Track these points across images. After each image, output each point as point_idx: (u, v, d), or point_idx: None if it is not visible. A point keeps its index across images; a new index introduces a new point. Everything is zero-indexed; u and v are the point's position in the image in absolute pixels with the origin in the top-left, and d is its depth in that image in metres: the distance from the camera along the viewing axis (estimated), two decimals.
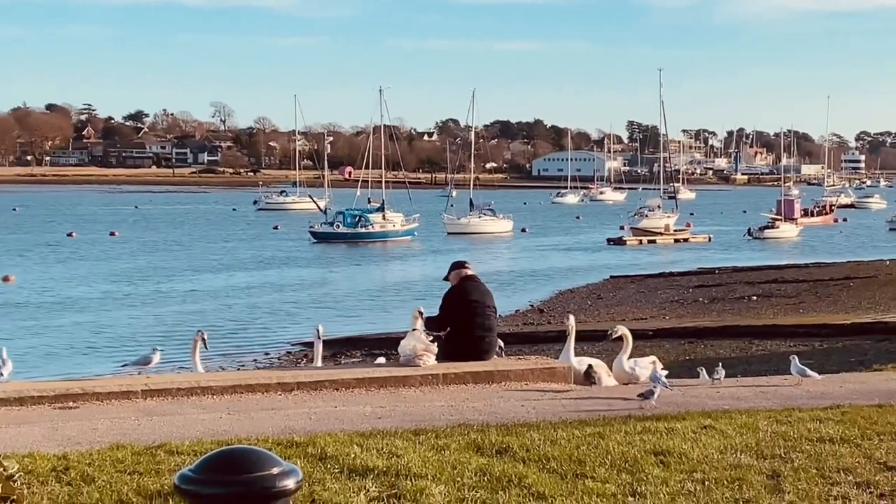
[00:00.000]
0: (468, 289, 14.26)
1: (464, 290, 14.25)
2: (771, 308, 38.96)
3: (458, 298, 14.18)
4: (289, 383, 12.52)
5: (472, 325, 13.98)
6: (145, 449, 8.68)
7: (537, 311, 42.25)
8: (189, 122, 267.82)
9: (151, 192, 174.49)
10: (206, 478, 2.90)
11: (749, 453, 8.68)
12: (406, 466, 7.96)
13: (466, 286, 14.30)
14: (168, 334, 36.44)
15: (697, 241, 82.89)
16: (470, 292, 14.20)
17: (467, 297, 14.13)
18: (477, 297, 14.15)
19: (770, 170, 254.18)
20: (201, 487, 2.91)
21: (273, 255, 70.38)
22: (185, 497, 2.99)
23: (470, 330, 13.96)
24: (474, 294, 14.19)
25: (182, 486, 2.94)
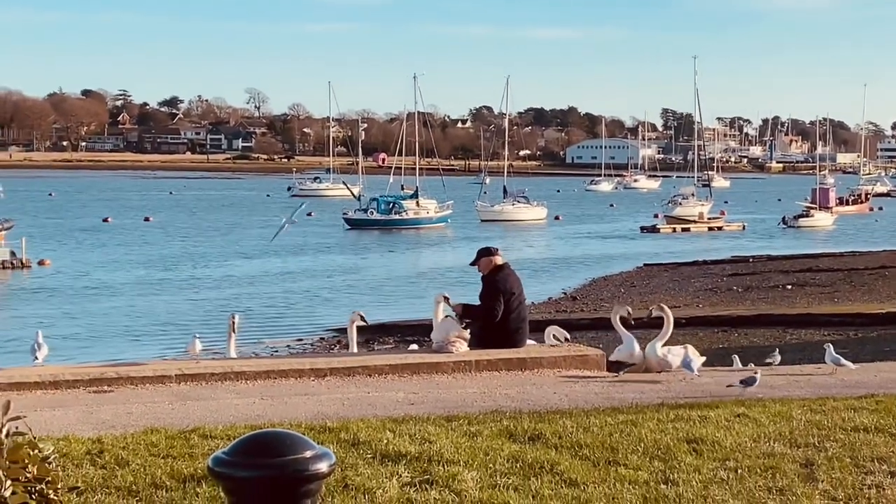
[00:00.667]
0: (505, 278, 14.17)
1: (502, 279, 14.17)
2: (805, 297, 38.77)
3: (501, 286, 14.05)
4: (322, 369, 12.56)
5: (508, 315, 13.90)
6: (179, 433, 8.73)
7: (570, 299, 42.20)
8: (224, 108, 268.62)
9: (186, 178, 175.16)
10: (239, 461, 2.92)
11: (782, 442, 8.64)
12: (438, 452, 7.97)
13: (503, 275, 14.21)
14: (202, 320, 36.63)
15: (731, 230, 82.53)
16: (507, 282, 14.12)
17: (505, 287, 14.02)
18: (512, 288, 14.07)
19: (805, 158, 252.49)
20: (235, 470, 2.92)
21: (307, 242, 70.56)
22: (219, 479, 3.01)
23: (506, 320, 13.88)
24: (510, 283, 14.10)
25: (216, 468, 2.96)
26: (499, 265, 14.22)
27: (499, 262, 14.26)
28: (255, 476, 2.90)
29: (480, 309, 13.96)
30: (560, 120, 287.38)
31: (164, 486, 7.20)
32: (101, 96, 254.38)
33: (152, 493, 7.07)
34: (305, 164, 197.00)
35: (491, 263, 14.24)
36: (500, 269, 14.21)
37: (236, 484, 2.94)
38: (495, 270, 14.18)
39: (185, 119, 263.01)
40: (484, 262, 14.30)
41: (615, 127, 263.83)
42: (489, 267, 14.20)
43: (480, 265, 14.30)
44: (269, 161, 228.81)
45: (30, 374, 11.86)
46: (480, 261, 14.34)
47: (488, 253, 14.38)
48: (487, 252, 14.41)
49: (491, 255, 14.34)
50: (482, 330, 13.78)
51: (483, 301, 14.06)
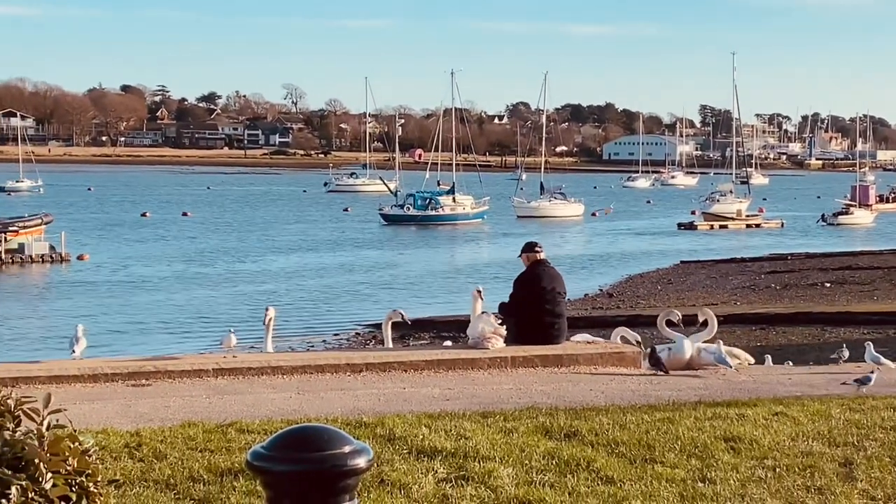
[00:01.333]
0: (539, 273, 14.22)
1: (534, 275, 14.23)
2: (844, 295, 38.51)
3: (529, 283, 14.16)
4: (357, 364, 12.58)
5: (543, 310, 13.93)
6: (216, 427, 8.77)
7: (607, 296, 42.11)
8: (261, 103, 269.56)
9: (223, 174, 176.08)
10: (277, 455, 2.92)
11: (821, 441, 8.58)
12: (474, 448, 7.97)
13: (537, 271, 14.28)
14: (239, 314, 36.81)
15: (770, 227, 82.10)
16: (541, 277, 14.16)
17: (538, 282, 14.08)
18: (546, 283, 14.09)
19: (845, 155, 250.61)
20: (273, 464, 2.93)
21: (343, 237, 70.75)
22: (257, 473, 3.01)
23: (540, 315, 13.91)
24: (545, 279, 14.13)
25: (254, 462, 2.97)
26: (536, 261, 14.33)
27: (537, 258, 14.36)
28: (293, 470, 2.90)
29: (508, 303, 14.16)
30: (597, 116, 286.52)
31: (202, 479, 7.24)
32: (139, 92, 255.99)
33: (190, 487, 7.11)
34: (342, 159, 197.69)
35: (529, 259, 14.38)
36: (537, 266, 14.34)
37: (275, 478, 2.95)
38: (532, 266, 14.33)
39: (222, 114, 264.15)
40: (524, 256, 14.59)
41: (653, 123, 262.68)
42: (528, 262, 14.36)
43: (523, 259, 14.56)
44: (306, 156, 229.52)
45: (69, 368, 11.95)
46: (523, 255, 14.62)
47: (528, 248, 14.65)
48: (528, 247, 14.68)
49: (529, 250, 14.53)
50: (517, 325, 13.84)
51: (513, 290, 14.33)
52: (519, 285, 14.27)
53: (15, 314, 38.49)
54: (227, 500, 6.87)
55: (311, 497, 2.89)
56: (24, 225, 57.12)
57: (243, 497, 6.88)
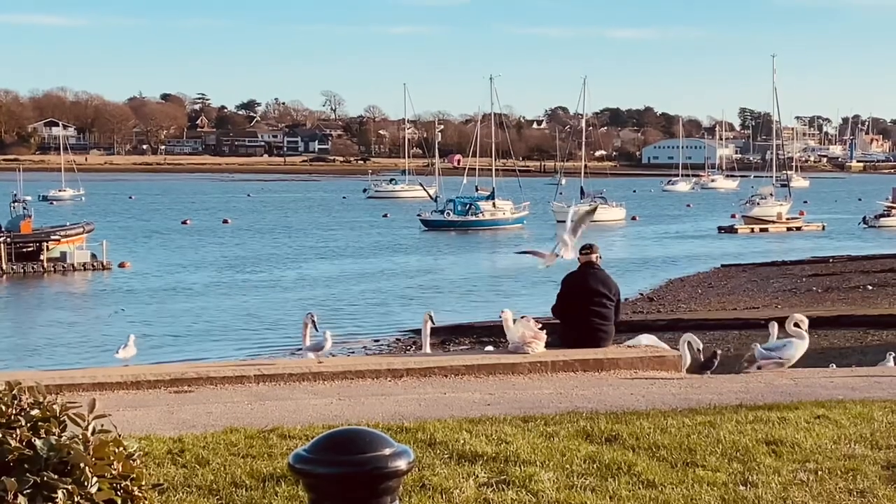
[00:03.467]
0: (584, 274, 14.35)
1: (580, 276, 14.38)
2: (887, 297, 38.19)
3: (572, 283, 14.30)
4: (398, 370, 12.62)
5: (587, 312, 14.00)
6: (258, 432, 8.82)
7: (647, 300, 41.97)
8: (300, 110, 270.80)
9: (263, 181, 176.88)
10: (319, 457, 2.96)
11: (863, 444, 8.53)
12: (515, 453, 7.98)
13: (583, 272, 14.42)
14: (280, 320, 36.98)
15: (811, 230, 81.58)
16: (586, 278, 14.27)
17: (582, 284, 14.18)
18: (591, 285, 14.16)
19: (886, 157, 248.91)
20: (315, 467, 2.96)
21: (383, 243, 70.90)
22: (300, 476, 3.05)
23: (584, 318, 13.97)
24: (590, 281, 14.23)
25: (297, 465, 3.00)
26: (587, 262, 14.45)
27: (587, 259, 14.52)
28: (335, 473, 2.94)
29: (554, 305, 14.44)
30: (636, 120, 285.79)
31: (244, 485, 7.28)
32: (179, 100, 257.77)
33: (232, 492, 7.15)
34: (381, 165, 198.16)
35: (581, 260, 14.66)
36: (585, 267, 14.52)
37: (317, 480, 2.98)
38: (581, 267, 14.57)
39: (262, 122, 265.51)
40: (579, 257, 14.74)
41: (692, 127, 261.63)
42: (580, 263, 14.60)
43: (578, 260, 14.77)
44: (345, 163, 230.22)
45: (112, 375, 12.06)
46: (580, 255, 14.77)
47: (583, 251, 14.74)
48: (583, 250, 14.78)
49: (584, 253, 14.67)
50: (561, 325, 14.16)
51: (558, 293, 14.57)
52: (564, 284, 14.42)
53: (57, 321, 38.83)
54: None
55: (352, 499, 2.92)
56: (66, 233, 57.68)
57: (285, 502, 6.92)
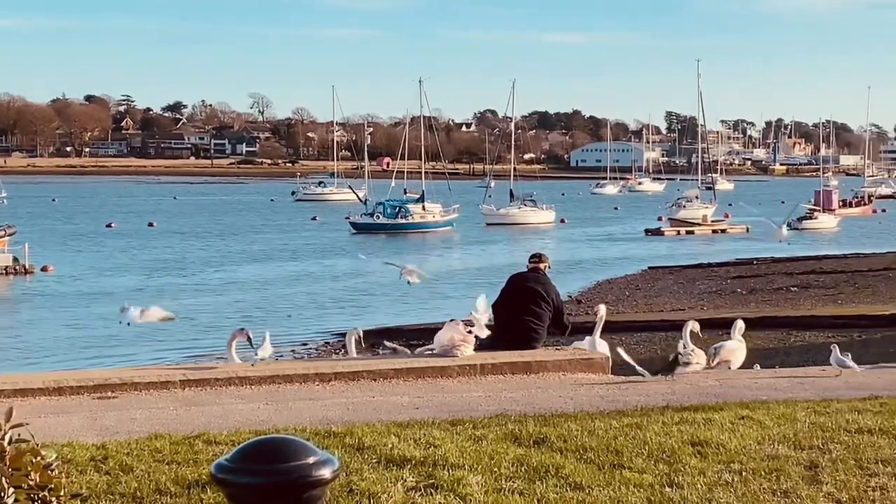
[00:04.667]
0: (527, 277, 14.82)
1: (522, 276, 14.83)
2: (809, 299, 38.73)
3: (514, 283, 14.74)
4: (326, 374, 12.55)
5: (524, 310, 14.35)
6: (183, 438, 8.73)
7: (575, 302, 42.15)
8: (227, 112, 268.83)
9: (189, 183, 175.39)
10: (242, 467, 2.91)
11: (787, 444, 8.63)
12: (443, 457, 7.96)
13: (526, 275, 14.87)
14: (206, 325, 36.65)
15: (735, 232, 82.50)
16: (528, 279, 14.72)
17: (523, 283, 14.65)
18: (531, 285, 14.58)
19: (808, 160, 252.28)
20: (238, 477, 2.91)
21: (313, 246, 70.60)
22: (222, 486, 3.00)
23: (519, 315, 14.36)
24: (531, 281, 14.66)
25: (219, 475, 2.95)
26: (531, 268, 15.00)
27: (533, 266, 15.00)
28: (257, 483, 2.88)
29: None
30: (564, 123, 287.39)
31: (169, 492, 7.20)
32: (104, 102, 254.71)
33: (156, 500, 7.07)
34: (310, 168, 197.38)
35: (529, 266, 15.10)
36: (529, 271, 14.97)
37: (239, 490, 2.93)
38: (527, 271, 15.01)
39: (188, 124, 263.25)
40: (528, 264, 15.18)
41: (619, 130, 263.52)
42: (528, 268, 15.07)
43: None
44: (274, 166, 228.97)
45: (34, 381, 11.86)
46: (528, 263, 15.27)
47: (531, 259, 15.19)
48: (531, 258, 15.22)
49: (531, 260, 15.15)
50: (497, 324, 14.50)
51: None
52: (507, 282, 14.90)
53: None
54: None
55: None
56: None
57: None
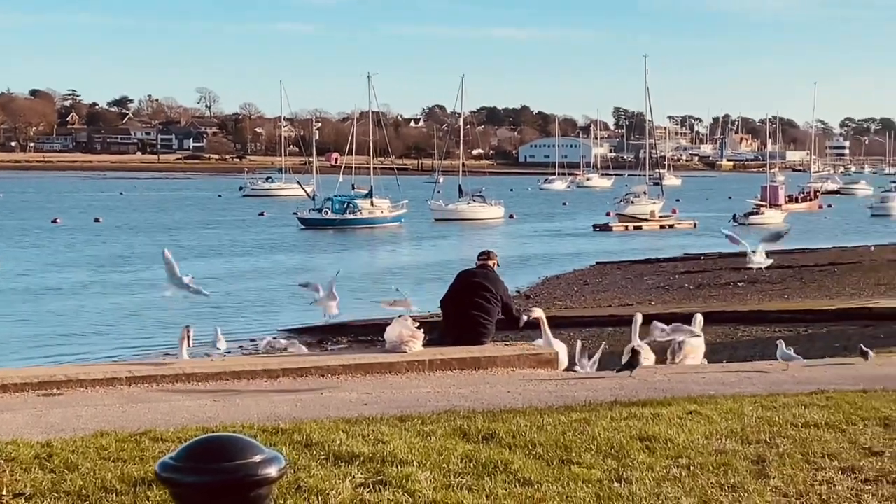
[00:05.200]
0: (475, 273, 14.87)
1: (471, 272, 14.89)
2: (756, 294, 39.03)
3: (462, 279, 14.79)
4: (274, 370, 12.49)
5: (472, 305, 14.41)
6: (129, 436, 8.64)
7: (524, 297, 42.24)
8: (174, 107, 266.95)
9: (136, 179, 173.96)
10: (187, 466, 2.86)
11: (734, 439, 8.68)
12: (392, 453, 7.94)
13: (475, 271, 14.92)
14: (155, 321, 36.36)
15: (683, 227, 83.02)
16: (476, 275, 14.77)
17: (471, 278, 14.69)
18: (479, 280, 14.63)
19: (755, 156, 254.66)
20: (182, 476, 2.86)
21: (261, 241, 70.24)
22: (167, 485, 2.96)
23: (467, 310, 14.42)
24: (479, 277, 14.72)
25: (163, 474, 2.91)
26: (480, 265, 15.06)
27: (482, 263, 15.07)
28: (202, 481, 2.84)
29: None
30: (513, 119, 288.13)
31: (115, 489, 7.11)
32: (49, 96, 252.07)
33: (102, 498, 6.98)
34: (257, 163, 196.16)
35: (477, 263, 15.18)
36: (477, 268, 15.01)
37: (184, 489, 2.89)
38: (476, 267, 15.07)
39: (134, 119, 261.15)
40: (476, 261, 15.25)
41: (568, 126, 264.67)
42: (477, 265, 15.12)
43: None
44: (221, 161, 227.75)
45: None
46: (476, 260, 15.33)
47: (480, 256, 15.28)
48: (480, 255, 15.30)
49: (479, 258, 15.22)
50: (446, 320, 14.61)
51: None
52: (455, 278, 14.93)
53: None
54: None
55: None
56: None
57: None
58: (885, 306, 29.70)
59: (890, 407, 9.96)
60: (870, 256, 51.88)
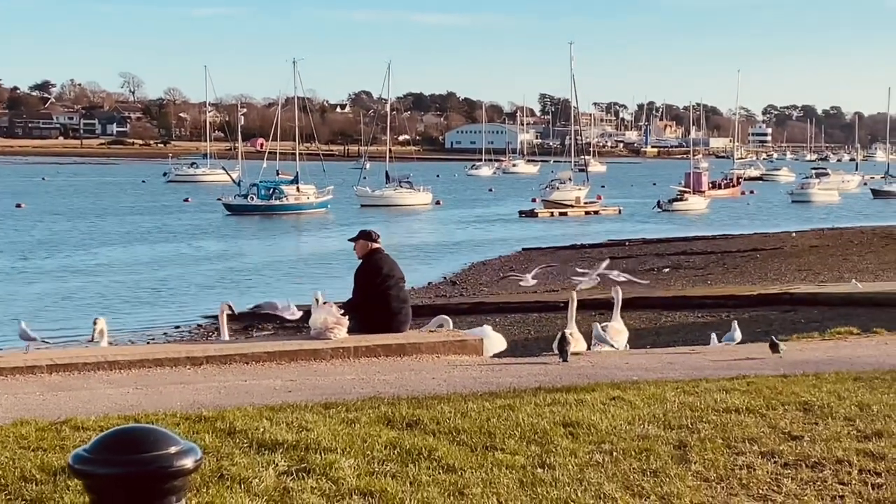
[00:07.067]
0: (379, 262, 14.31)
1: (375, 264, 14.29)
2: (680, 279, 39.43)
3: (372, 273, 14.19)
4: (198, 357, 12.39)
5: (389, 297, 14.08)
6: (50, 424, 8.53)
7: (450, 284, 42.33)
8: (97, 92, 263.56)
9: (59, 164, 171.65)
10: (101, 457, 2.82)
11: (656, 424, 8.75)
12: (316, 440, 7.91)
13: (376, 259, 14.35)
14: (78, 308, 35.94)
15: (608, 214, 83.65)
16: (381, 265, 14.25)
17: (381, 270, 14.17)
18: (389, 270, 14.22)
19: (679, 142, 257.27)
20: (96, 468, 2.82)
21: (186, 228, 69.67)
22: (80, 477, 2.91)
23: (388, 303, 14.05)
24: (385, 266, 14.26)
25: (76, 466, 2.86)
26: (374, 249, 14.35)
27: (374, 246, 14.38)
28: (116, 473, 2.80)
29: (352, 301, 14.07)
30: (439, 105, 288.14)
31: (34, 479, 7.02)
32: None
33: (21, 487, 6.89)
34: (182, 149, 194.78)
35: (367, 247, 14.38)
36: (375, 253, 14.43)
37: (97, 482, 2.84)
38: (370, 255, 14.33)
39: (57, 103, 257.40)
40: (360, 244, 14.48)
41: (494, 112, 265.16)
42: (365, 250, 14.37)
43: (357, 248, 14.43)
44: (145, 146, 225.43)
45: None
46: (358, 242, 14.47)
47: (367, 237, 14.51)
48: (367, 236, 14.54)
49: (369, 239, 14.46)
50: (366, 317, 13.86)
51: (355, 283, 14.31)
52: (363, 277, 14.24)
53: None
54: (60, 499, 6.67)
55: (135, 500, 2.79)
56: None
57: (77, 496, 6.69)
58: (806, 291, 30.17)
59: (809, 391, 10.11)
60: (791, 242, 52.66)
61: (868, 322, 19.37)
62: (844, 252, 46.37)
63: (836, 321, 21.16)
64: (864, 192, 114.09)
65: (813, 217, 79.10)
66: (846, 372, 11.57)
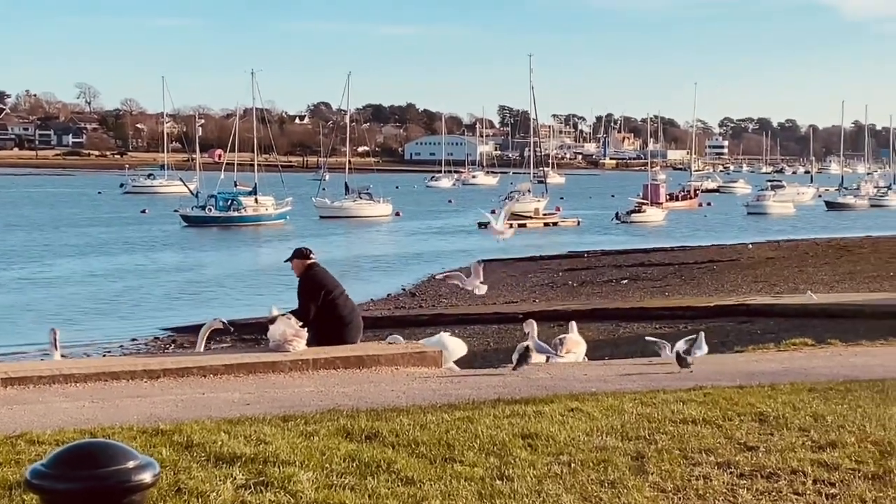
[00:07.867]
0: (319, 275, 14.49)
1: (315, 278, 14.44)
2: (638, 291, 39.61)
3: (316, 288, 14.27)
4: (155, 370, 12.32)
5: (337, 307, 14.17)
6: (5, 439, 8.46)
7: (409, 295, 42.31)
8: (53, 103, 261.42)
9: (13, 175, 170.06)
10: (58, 472, 2.81)
11: (614, 435, 8.79)
12: (274, 453, 7.89)
13: (317, 273, 14.53)
14: (32, 320, 35.62)
15: (567, 225, 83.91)
16: (324, 279, 14.40)
17: (324, 283, 14.31)
18: (331, 284, 14.36)
19: (637, 155, 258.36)
20: (54, 483, 2.81)
21: (143, 239, 69.23)
22: (37, 492, 2.90)
23: (339, 314, 14.12)
24: (328, 280, 14.41)
25: (34, 481, 2.85)
26: (310, 264, 14.47)
27: (310, 262, 14.51)
28: (74, 488, 2.79)
29: (299, 312, 14.06)
30: (398, 116, 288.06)
31: None
32: None
33: None
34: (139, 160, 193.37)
35: (303, 265, 14.54)
36: (312, 268, 14.56)
37: (55, 497, 2.83)
38: (308, 270, 14.50)
39: (12, 114, 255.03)
40: (296, 263, 14.66)
41: (453, 124, 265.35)
42: (301, 268, 14.50)
43: (294, 265, 14.54)
44: (102, 157, 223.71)
45: None
46: (293, 261, 14.66)
47: (300, 255, 14.69)
48: (300, 254, 14.72)
49: (303, 257, 14.64)
50: (317, 326, 13.88)
51: (299, 300, 14.32)
52: (307, 294, 14.26)
53: None
54: None
55: None
56: None
57: None
58: (762, 303, 30.42)
59: (765, 402, 10.19)
60: (747, 254, 53.04)
61: (823, 333, 19.54)
62: (800, 264, 46.75)
63: (792, 332, 21.34)
64: (818, 204, 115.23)
65: (769, 229, 79.69)
66: (801, 383, 11.67)
